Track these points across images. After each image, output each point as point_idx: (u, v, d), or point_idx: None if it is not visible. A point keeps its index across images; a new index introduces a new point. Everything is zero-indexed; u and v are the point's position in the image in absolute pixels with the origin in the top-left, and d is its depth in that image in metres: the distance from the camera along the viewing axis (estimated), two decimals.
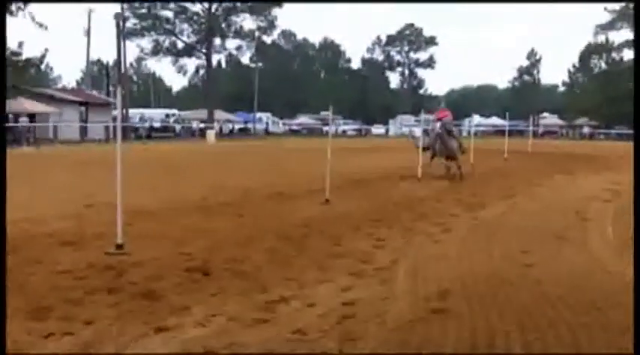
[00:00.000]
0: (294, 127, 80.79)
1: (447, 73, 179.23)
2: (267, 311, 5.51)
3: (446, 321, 5.34)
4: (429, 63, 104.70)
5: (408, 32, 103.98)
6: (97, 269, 6.86)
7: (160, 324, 5.15)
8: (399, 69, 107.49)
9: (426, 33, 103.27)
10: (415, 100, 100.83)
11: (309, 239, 8.92)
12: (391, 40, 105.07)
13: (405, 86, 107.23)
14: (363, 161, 26.05)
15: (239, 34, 73.43)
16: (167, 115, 69.31)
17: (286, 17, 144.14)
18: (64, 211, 11.17)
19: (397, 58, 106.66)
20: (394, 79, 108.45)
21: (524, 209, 12.57)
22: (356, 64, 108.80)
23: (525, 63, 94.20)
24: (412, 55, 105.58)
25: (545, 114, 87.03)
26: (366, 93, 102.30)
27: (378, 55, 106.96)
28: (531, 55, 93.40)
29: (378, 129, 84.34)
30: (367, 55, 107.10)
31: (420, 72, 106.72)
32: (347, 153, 27.25)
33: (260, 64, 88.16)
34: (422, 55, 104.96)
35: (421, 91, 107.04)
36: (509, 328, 5.21)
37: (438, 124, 19.29)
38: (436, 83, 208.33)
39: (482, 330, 5.16)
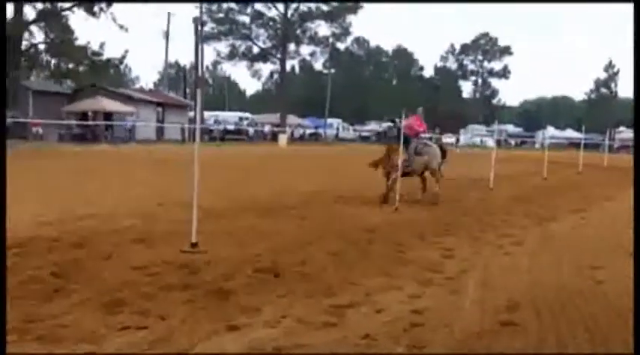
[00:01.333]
0: (365, 133, 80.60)
1: (521, 83, 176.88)
2: (335, 315, 5.55)
3: (515, 333, 5.30)
4: (503, 73, 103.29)
5: (482, 41, 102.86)
6: (172, 267, 7.05)
7: (231, 323, 5.26)
8: (472, 78, 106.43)
9: (501, 42, 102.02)
10: (488, 110, 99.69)
11: (375, 244, 8.94)
12: (465, 48, 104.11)
13: (478, 96, 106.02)
14: None
15: (313, 40, 73.93)
16: (240, 118, 70.29)
17: (360, 24, 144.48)
18: (136, 208, 11.55)
19: (471, 67, 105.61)
20: (467, 88, 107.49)
21: (596, 223, 12.30)
22: (428, 72, 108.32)
23: (603, 75, 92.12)
24: (486, 64, 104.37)
25: (621, 128, 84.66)
26: (438, 101, 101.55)
27: (452, 64, 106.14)
28: (609, 67, 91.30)
29: (448, 139, 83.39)
30: (440, 64, 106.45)
31: (494, 82, 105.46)
32: None
33: (332, 70, 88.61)
34: (496, 65, 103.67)
35: (494, 101, 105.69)
36: (579, 340, 5.15)
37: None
38: (510, 93, 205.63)
39: (552, 343, 5.11)
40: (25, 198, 12.37)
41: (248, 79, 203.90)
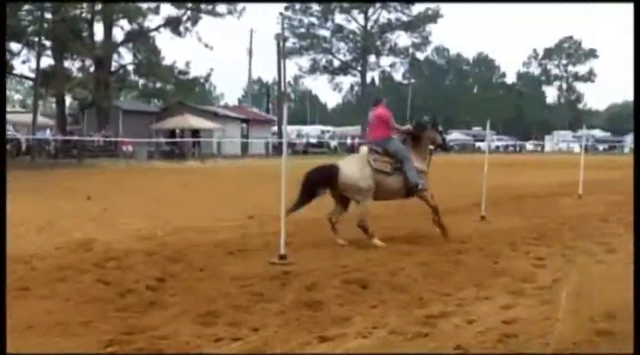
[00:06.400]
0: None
1: (608, 87, 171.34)
2: (427, 326, 5.52)
3: (613, 342, 5.18)
4: (589, 76, 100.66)
5: (566, 45, 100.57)
6: (262, 278, 7.15)
7: (323, 333, 5.29)
8: (557, 83, 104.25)
9: (586, 45, 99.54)
10: (573, 115, 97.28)
11: (465, 255, 8.85)
12: (548, 53, 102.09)
13: (563, 101, 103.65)
14: (518, 177, 25.43)
15: (393, 50, 73.91)
16: (322, 131, 70.79)
17: (440, 33, 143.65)
18: (228, 221, 11.85)
19: (555, 71, 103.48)
20: (551, 94, 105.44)
21: None
22: (511, 79, 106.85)
23: None
24: (571, 68, 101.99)
25: None
26: (521, 108, 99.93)
27: (535, 69, 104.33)
28: None
29: (532, 146, 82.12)
30: (523, 69, 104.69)
31: (579, 86, 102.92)
32: (501, 169, 26.70)
33: (413, 81, 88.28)
34: (581, 69, 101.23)
35: (580, 106, 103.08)
36: None
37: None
38: (596, 97, 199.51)
39: None
40: (127, 213, 12.88)
41: (329, 92, 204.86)
